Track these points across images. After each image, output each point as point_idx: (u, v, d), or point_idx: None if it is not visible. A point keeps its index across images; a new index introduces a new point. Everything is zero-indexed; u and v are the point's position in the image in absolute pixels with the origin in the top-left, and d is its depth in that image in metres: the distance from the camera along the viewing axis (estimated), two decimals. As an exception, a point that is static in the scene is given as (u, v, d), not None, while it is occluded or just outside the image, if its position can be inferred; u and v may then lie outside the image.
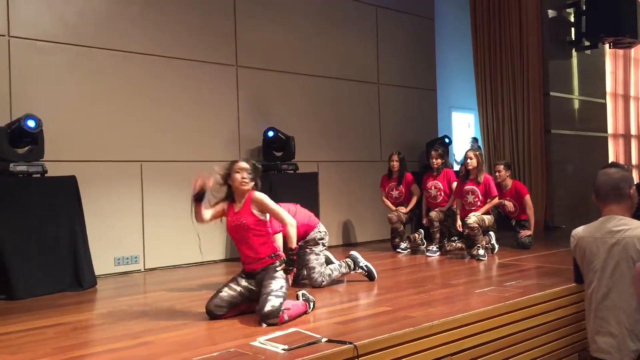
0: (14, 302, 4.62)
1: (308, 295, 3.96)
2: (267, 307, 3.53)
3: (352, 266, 4.97)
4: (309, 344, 3.05)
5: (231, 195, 3.91)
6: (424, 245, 6.99)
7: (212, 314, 3.75)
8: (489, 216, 6.45)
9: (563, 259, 5.88)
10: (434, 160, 6.93)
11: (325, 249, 5.00)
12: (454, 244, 6.66)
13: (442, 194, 6.88)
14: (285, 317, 3.55)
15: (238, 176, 3.82)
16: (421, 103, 8.93)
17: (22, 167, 5.00)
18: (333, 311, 4.05)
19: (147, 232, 6.13)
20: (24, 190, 4.99)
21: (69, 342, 3.37)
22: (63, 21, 5.71)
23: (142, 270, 6.09)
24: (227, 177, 3.87)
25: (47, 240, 5.01)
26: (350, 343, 3.02)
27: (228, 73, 6.89)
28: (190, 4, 6.58)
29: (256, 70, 7.14)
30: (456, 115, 10.92)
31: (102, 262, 5.67)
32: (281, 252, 3.91)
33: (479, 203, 6.40)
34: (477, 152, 6.54)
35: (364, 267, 5.00)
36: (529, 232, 6.86)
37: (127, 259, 5.99)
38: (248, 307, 3.83)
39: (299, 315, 3.72)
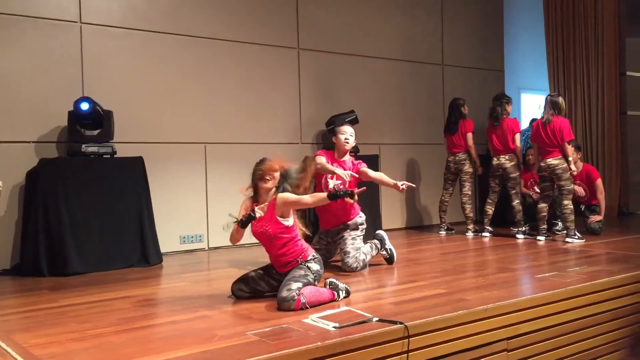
0: (84, 276, 4.87)
1: (337, 283, 3.72)
2: (283, 292, 3.45)
3: (379, 247, 4.89)
4: (360, 322, 3.07)
5: (256, 193, 3.77)
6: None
7: (234, 294, 3.80)
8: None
9: (634, 246, 5.66)
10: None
11: (361, 235, 4.93)
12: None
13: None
14: (303, 300, 3.42)
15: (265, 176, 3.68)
16: (488, 85, 8.68)
17: (93, 148, 5.25)
18: (387, 292, 4.07)
19: (211, 212, 6.30)
20: (95, 170, 5.23)
21: (132, 314, 3.54)
22: (132, 7, 5.91)
23: (207, 248, 6.28)
24: (255, 175, 3.73)
25: (116, 218, 5.24)
26: (401, 323, 3.02)
27: (290, 56, 6.94)
28: (253, -12, 6.66)
29: (318, 52, 7.15)
30: (525, 97, 10.56)
31: (168, 240, 5.89)
32: (308, 252, 3.75)
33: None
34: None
35: (388, 250, 4.93)
36: (599, 218, 6.60)
37: (192, 237, 6.19)
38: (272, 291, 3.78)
39: (324, 303, 3.54)
